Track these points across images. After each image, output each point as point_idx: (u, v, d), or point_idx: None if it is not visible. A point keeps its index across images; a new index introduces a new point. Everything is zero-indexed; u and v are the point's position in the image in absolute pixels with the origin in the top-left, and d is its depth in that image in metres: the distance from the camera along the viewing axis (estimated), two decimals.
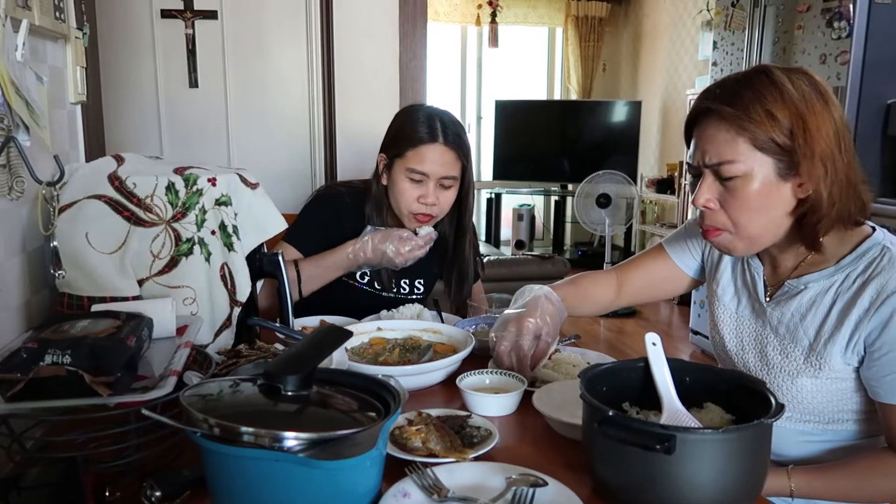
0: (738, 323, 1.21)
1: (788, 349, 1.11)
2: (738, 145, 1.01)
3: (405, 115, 1.60)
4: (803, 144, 0.98)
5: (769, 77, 1.01)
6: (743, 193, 1.02)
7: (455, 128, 1.55)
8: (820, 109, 1.00)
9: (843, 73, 2.90)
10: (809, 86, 1.01)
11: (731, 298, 1.23)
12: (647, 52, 6.18)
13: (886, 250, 1.03)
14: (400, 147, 1.54)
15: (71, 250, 1.09)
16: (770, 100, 0.99)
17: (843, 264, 1.06)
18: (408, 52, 2.79)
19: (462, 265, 1.68)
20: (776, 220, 1.04)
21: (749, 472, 0.78)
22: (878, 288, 1.00)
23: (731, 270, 1.24)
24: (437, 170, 1.52)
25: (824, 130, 0.99)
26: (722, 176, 1.03)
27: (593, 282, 1.38)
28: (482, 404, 1.09)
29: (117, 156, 1.20)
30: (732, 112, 1.00)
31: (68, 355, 0.81)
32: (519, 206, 6.18)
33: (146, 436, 0.87)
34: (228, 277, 1.20)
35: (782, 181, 1.01)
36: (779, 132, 0.99)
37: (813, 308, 1.08)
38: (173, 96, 2.68)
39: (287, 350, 0.97)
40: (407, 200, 1.54)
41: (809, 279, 1.09)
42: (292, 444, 0.73)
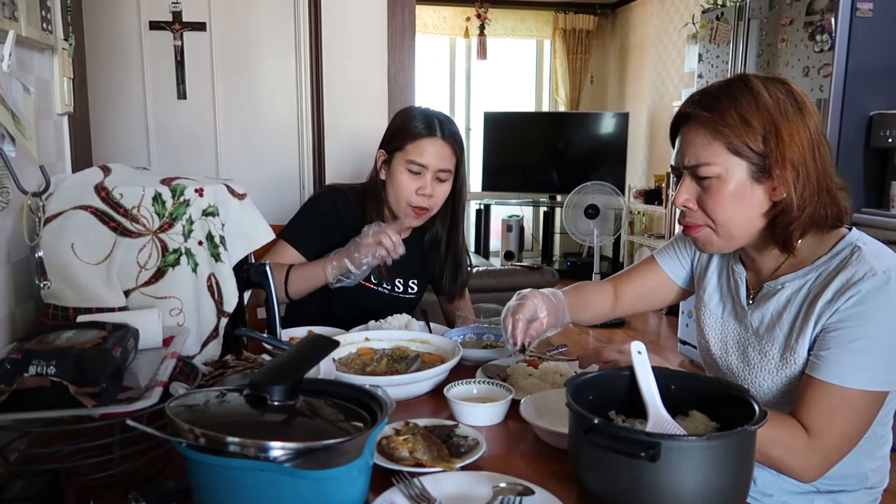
0: (723, 327, 1.24)
1: (766, 348, 1.13)
2: (714, 148, 1.06)
3: (405, 113, 1.70)
4: (775, 150, 1.03)
5: (746, 85, 1.06)
6: (718, 194, 1.07)
7: (451, 125, 1.66)
8: (794, 117, 1.04)
9: (826, 85, 2.95)
10: (786, 94, 1.05)
11: (717, 304, 1.26)
12: (633, 65, 6.24)
13: (857, 249, 1.06)
14: (400, 141, 1.63)
15: (56, 261, 1.09)
16: (745, 106, 1.04)
17: (817, 264, 1.10)
18: (396, 64, 2.80)
19: (457, 255, 1.76)
20: (750, 219, 1.09)
21: (733, 479, 0.78)
22: (844, 280, 1.04)
23: (717, 277, 1.27)
24: (435, 162, 1.61)
25: (797, 138, 1.03)
26: (699, 176, 1.09)
27: (594, 291, 1.41)
28: (469, 414, 1.10)
29: (104, 166, 1.20)
30: (709, 117, 1.06)
31: (53, 366, 0.80)
32: (508, 218, 6.20)
33: (131, 447, 0.86)
34: (215, 288, 1.20)
35: (756, 183, 1.06)
36: (752, 137, 1.03)
37: (788, 306, 1.11)
38: (162, 108, 2.68)
39: (273, 360, 0.97)
40: (406, 192, 1.62)
41: (786, 279, 1.12)
42: (278, 454, 0.73)
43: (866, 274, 1.02)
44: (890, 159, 3.00)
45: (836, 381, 1.00)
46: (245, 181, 2.69)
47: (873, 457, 1.15)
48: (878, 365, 1.01)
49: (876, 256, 1.04)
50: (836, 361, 1.01)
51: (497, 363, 1.34)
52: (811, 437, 1.01)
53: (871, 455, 1.13)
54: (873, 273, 1.01)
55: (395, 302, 1.70)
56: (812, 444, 1.01)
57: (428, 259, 1.77)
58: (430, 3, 6.10)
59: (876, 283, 1.01)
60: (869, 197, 3.02)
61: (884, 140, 2.88)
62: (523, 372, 1.27)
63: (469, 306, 1.81)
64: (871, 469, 1.16)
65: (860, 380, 1.00)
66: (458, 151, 1.65)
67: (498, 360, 1.37)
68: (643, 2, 6.03)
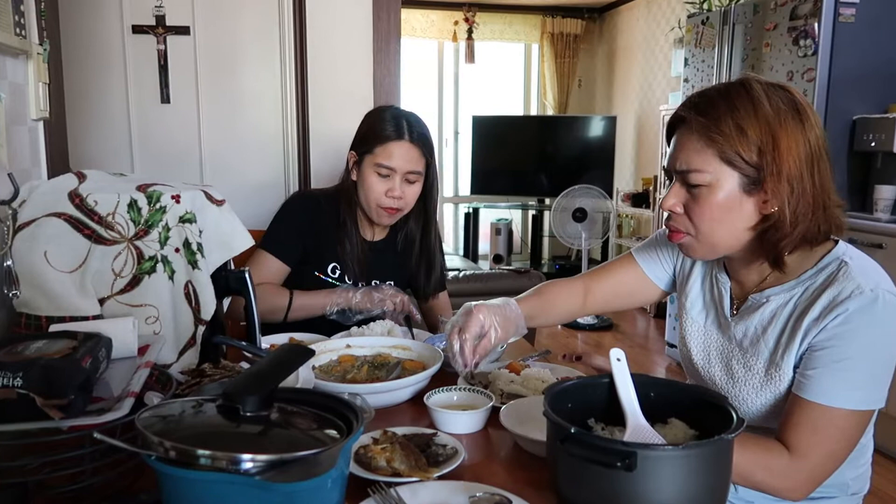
0: (706, 337, 1.21)
1: (751, 362, 1.11)
2: (706, 156, 1.02)
3: (374, 114, 1.71)
4: (771, 163, 0.99)
5: (747, 91, 1.02)
6: (706, 202, 1.04)
7: (420, 127, 1.66)
8: (793, 129, 0.99)
9: (810, 89, 2.96)
10: (787, 104, 1.01)
11: (699, 312, 1.23)
12: (621, 69, 6.26)
13: (844, 264, 1.04)
14: (369, 144, 1.64)
15: (28, 269, 1.07)
16: (743, 114, 1.00)
17: (803, 278, 1.07)
18: (382, 68, 2.80)
19: (429, 256, 1.78)
20: (736, 232, 1.06)
21: (710, 488, 0.78)
22: (831, 297, 1.01)
23: (700, 284, 1.24)
24: (404, 165, 1.62)
25: (795, 151, 0.99)
26: (689, 183, 1.05)
27: (557, 291, 1.35)
28: (449, 422, 1.09)
29: (79, 173, 1.18)
30: (704, 123, 1.02)
31: (20, 378, 0.79)
32: (497, 221, 6.20)
33: (102, 459, 0.84)
34: (193, 295, 1.18)
35: (746, 196, 1.02)
36: (746, 148, 0.99)
37: (774, 320, 1.09)
38: (145, 112, 2.65)
39: (247, 370, 0.95)
40: (375, 194, 1.63)
41: (771, 292, 1.10)
42: (249, 466, 0.72)
43: (853, 292, 0.99)
44: (873, 163, 3.03)
45: (821, 401, 0.99)
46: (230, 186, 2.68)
47: (855, 465, 1.14)
48: (864, 385, 0.99)
49: (863, 273, 1.02)
50: (822, 381, 0.99)
51: (479, 370, 1.33)
52: (795, 458, 0.99)
53: (853, 464, 1.12)
54: (860, 291, 0.99)
55: None
56: (796, 465, 0.99)
57: (404, 260, 1.78)
58: (417, 7, 6.11)
59: (863, 302, 0.98)
60: (853, 201, 3.04)
61: (867, 144, 2.90)
62: (505, 378, 1.26)
63: (449, 310, 1.81)
64: (853, 478, 1.15)
65: (846, 399, 0.98)
66: (427, 153, 1.66)
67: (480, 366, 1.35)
68: (630, 6, 6.06)
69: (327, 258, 1.69)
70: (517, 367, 1.31)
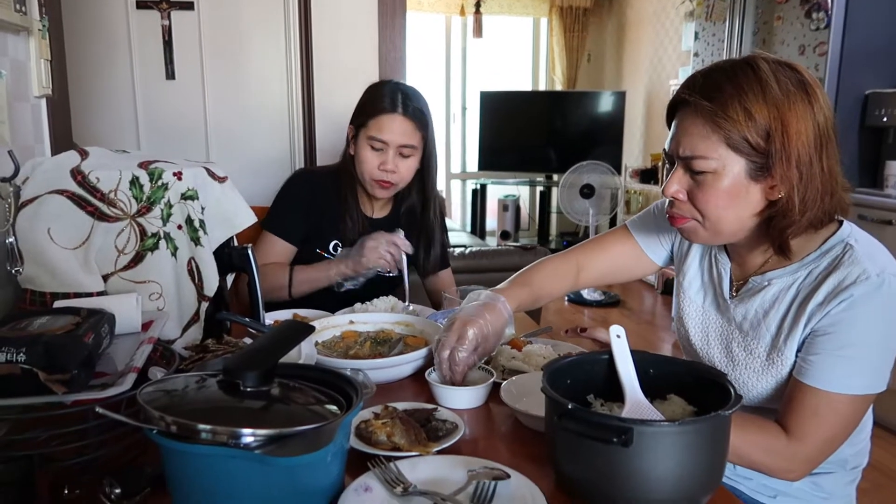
0: (704, 318, 1.19)
1: (752, 346, 1.10)
2: (711, 142, 0.98)
3: (372, 88, 1.71)
4: (780, 148, 0.95)
5: (755, 72, 0.97)
6: (711, 189, 1.01)
7: (416, 101, 1.65)
8: (802, 110, 0.95)
9: (822, 63, 2.92)
10: (796, 84, 0.97)
11: (697, 292, 1.21)
12: (630, 43, 6.18)
13: (849, 248, 1.02)
14: (363, 117, 1.65)
15: (32, 246, 1.08)
16: (751, 97, 0.95)
17: (806, 261, 1.05)
18: (387, 42, 2.77)
19: (428, 233, 1.78)
20: (742, 218, 1.03)
21: (707, 464, 0.78)
22: (836, 282, 0.99)
23: (698, 264, 1.23)
24: (396, 138, 1.62)
25: (805, 134, 0.95)
26: (693, 169, 1.02)
27: (546, 275, 1.32)
28: (450, 397, 1.09)
29: (81, 150, 1.19)
30: (710, 107, 0.97)
31: (23, 353, 0.80)
32: (504, 197, 6.18)
33: (107, 433, 0.86)
34: (196, 272, 1.19)
35: (753, 182, 0.99)
36: (754, 132, 0.95)
37: (776, 304, 1.07)
38: (150, 88, 2.65)
39: (247, 346, 0.96)
40: (369, 167, 1.64)
41: (773, 275, 1.08)
42: (249, 440, 0.73)
43: (859, 277, 0.97)
44: (885, 138, 2.98)
45: (822, 387, 0.98)
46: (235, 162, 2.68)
47: (853, 442, 1.14)
48: (866, 371, 0.98)
49: (869, 256, 1.00)
50: (824, 367, 0.98)
51: None
52: (793, 441, 0.99)
53: (851, 441, 1.12)
54: (866, 276, 0.97)
55: (377, 280, 1.70)
56: (794, 448, 0.99)
57: (408, 235, 1.75)
58: None
59: (868, 288, 0.96)
60: (863, 177, 3.01)
61: (879, 119, 2.86)
62: (507, 354, 1.27)
63: (452, 285, 1.81)
64: (852, 454, 1.15)
65: (847, 385, 0.98)
66: (422, 127, 1.65)
67: None
68: None
69: (329, 235, 1.69)
70: (519, 344, 1.32)
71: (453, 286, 1.81)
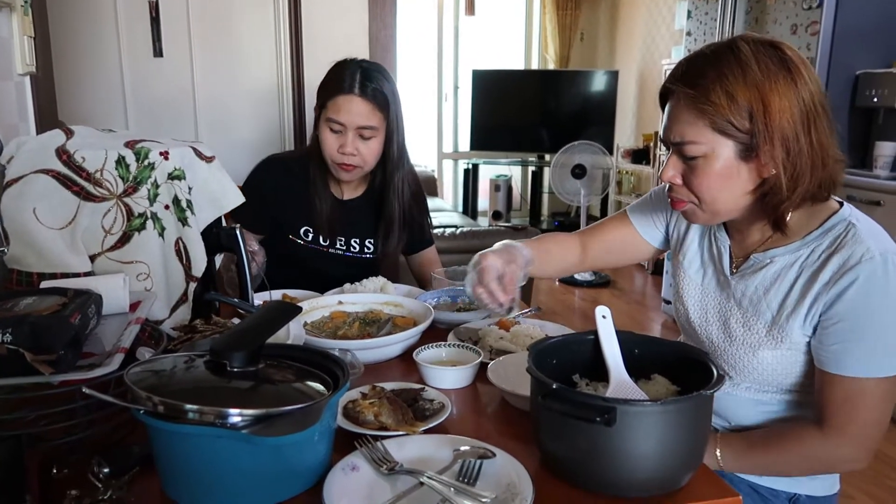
0: (703, 295, 1.21)
1: (751, 322, 1.11)
2: (698, 127, 1.01)
3: (333, 68, 1.65)
4: (763, 128, 0.97)
5: (735, 55, 0.99)
6: (704, 172, 1.03)
7: (376, 81, 1.58)
8: (785, 89, 0.97)
9: (813, 43, 2.91)
10: (778, 62, 0.98)
11: (697, 271, 1.23)
12: (624, 22, 6.14)
13: (851, 226, 1.03)
14: (323, 98, 1.61)
15: (18, 226, 1.07)
16: (731, 80, 0.97)
17: (808, 239, 1.06)
18: (378, 20, 2.74)
19: (386, 216, 1.70)
20: (737, 197, 1.05)
21: (689, 443, 0.79)
22: (841, 262, 1.00)
23: (697, 243, 1.24)
24: (354, 119, 1.57)
25: (788, 112, 0.97)
26: (685, 155, 1.04)
27: (556, 242, 1.36)
28: (438, 377, 1.10)
29: (66, 129, 1.17)
30: (693, 94, 1.00)
31: (9, 334, 0.80)
32: (496, 177, 6.17)
33: (95, 413, 0.86)
34: (183, 252, 1.19)
35: (743, 162, 1.01)
36: (738, 115, 0.97)
37: (777, 282, 1.08)
38: (137, 66, 2.62)
39: (234, 326, 0.96)
40: (329, 150, 1.60)
41: (775, 253, 1.09)
42: (236, 420, 0.74)
43: (863, 256, 0.98)
44: (875, 119, 2.99)
45: (848, 373, 1.00)
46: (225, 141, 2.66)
47: None
48: (888, 351, 1.00)
49: (871, 235, 1.01)
50: (847, 355, 1.00)
51: (469, 326, 1.35)
52: (832, 434, 1.02)
53: None
54: (871, 256, 0.98)
55: (352, 262, 1.71)
56: (835, 442, 1.02)
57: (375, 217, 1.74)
58: None
59: (873, 268, 0.98)
60: (853, 157, 3.02)
61: (869, 99, 2.86)
62: (495, 335, 1.28)
63: (437, 265, 1.80)
64: None
65: (872, 369, 0.99)
66: (382, 108, 1.58)
67: (470, 322, 1.37)
68: None
69: (299, 221, 1.68)
70: (507, 324, 1.33)
71: (438, 265, 1.81)
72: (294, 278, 1.62)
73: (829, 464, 1.08)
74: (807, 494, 1.14)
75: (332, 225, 1.68)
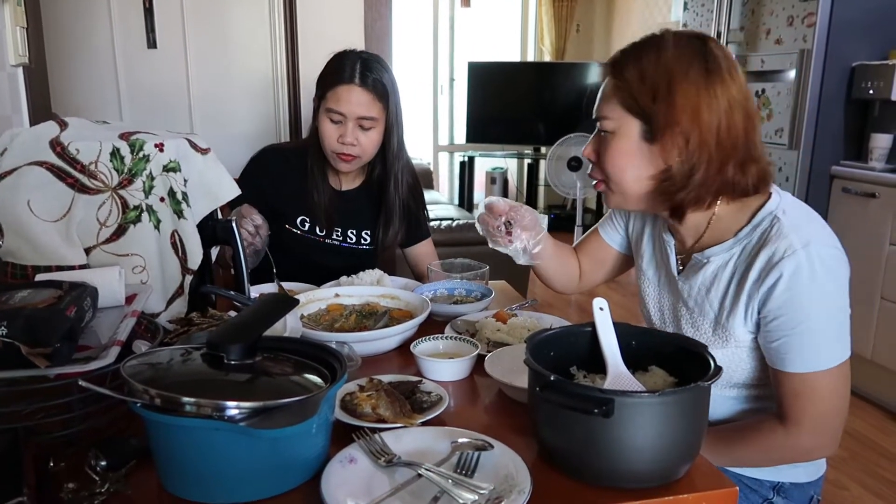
0: (660, 296, 1.23)
1: (698, 322, 1.13)
2: (611, 103, 1.06)
3: (332, 59, 1.64)
4: (664, 111, 0.99)
5: (657, 40, 1.03)
6: (611, 149, 1.07)
7: (375, 72, 1.59)
8: (695, 80, 0.99)
9: (810, 35, 2.91)
10: (697, 55, 1.00)
11: (654, 272, 1.24)
12: (620, 13, 6.12)
13: (776, 220, 1.03)
14: (322, 89, 1.61)
15: (12, 219, 1.07)
16: (645, 62, 1.02)
17: (740, 236, 1.07)
18: (373, 11, 2.73)
19: (387, 208, 1.71)
20: (639, 179, 1.07)
21: (686, 435, 0.79)
22: (766, 259, 1.01)
23: (651, 244, 1.26)
24: (354, 110, 1.57)
25: (692, 103, 0.98)
26: (601, 130, 1.09)
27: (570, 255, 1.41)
28: (435, 369, 1.10)
29: (60, 120, 1.17)
30: (613, 71, 1.06)
31: (4, 327, 0.79)
32: (492, 170, 6.16)
33: (92, 406, 0.86)
34: (179, 245, 1.18)
35: (646, 143, 1.04)
36: (644, 94, 1.01)
37: (716, 281, 1.10)
38: (131, 58, 2.60)
39: (231, 319, 0.96)
40: (329, 140, 1.60)
41: (711, 252, 1.10)
42: (233, 413, 0.73)
43: (785, 252, 0.99)
44: (870, 111, 2.99)
45: (792, 370, 1.01)
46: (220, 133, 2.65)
47: None
48: (826, 343, 1.01)
49: (794, 228, 1.01)
50: (787, 350, 1.01)
51: (466, 318, 1.35)
52: (791, 427, 1.03)
53: None
54: (793, 251, 0.99)
55: (348, 252, 1.71)
56: (794, 433, 1.03)
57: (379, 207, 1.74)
58: None
59: (797, 263, 0.98)
60: (848, 149, 3.02)
61: (865, 92, 2.86)
62: (492, 327, 1.28)
63: (434, 258, 1.80)
64: None
65: (816, 363, 1.00)
66: (382, 98, 1.59)
67: (467, 315, 1.37)
68: None
69: (296, 211, 1.68)
70: (504, 316, 1.33)
71: (435, 257, 1.81)
72: (290, 269, 1.61)
73: (795, 455, 1.08)
74: (791, 482, 1.15)
75: (330, 215, 1.68)
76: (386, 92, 1.60)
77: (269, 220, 1.67)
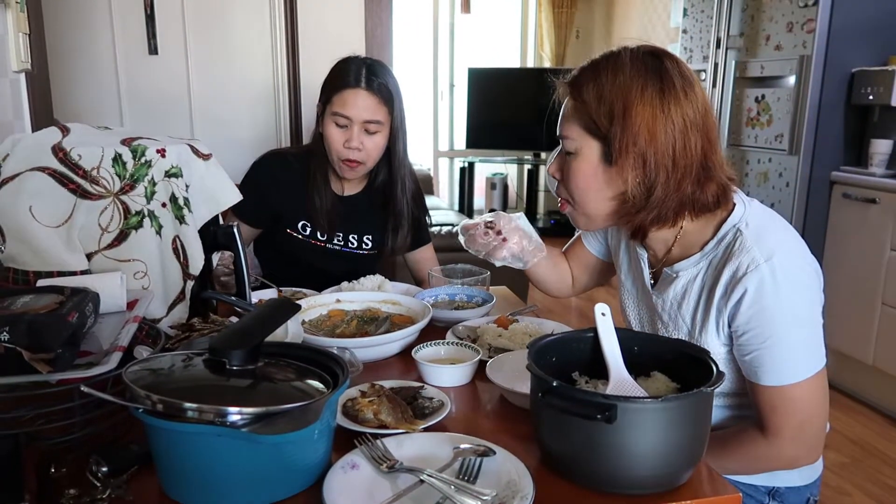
0: (639, 307, 1.23)
1: (674, 335, 1.13)
2: (572, 123, 1.05)
3: (337, 64, 1.65)
4: (619, 132, 0.99)
5: (614, 59, 1.02)
6: (573, 170, 1.06)
7: (381, 76, 1.60)
8: (650, 100, 0.98)
9: (809, 41, 2.91)
10: (652, 72, 0.99)
11: (632, 284, 1.25)
12: (619, 19, 6.14)
13: (739, 233, 1.03)
14: (328, 93, 1.62)
15: (14, 224, 1.07)
16: (603, 82, 1.00)
17: (706, 250, 1.07)
18: (373, 18, 2.74)
19: (395, 213, 1.71)
20: (602, 200, 1.07)
21: (689, 440, 0.79)
22: (730, 274, 1.02)
23: (627, 256, 1.26)
24: (360, 114, 1.57)
25: (648, 123, 0.98)
26: (564, 150, 1.08)
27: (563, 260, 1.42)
28: (436, 375, 1.10)
29: (62, 126, 1.17)
30: (572, 91, 1.05)
31: (6, 332, 0.79)
32: (492, 176, 6.16)
33: (93, 412, 0.86)
34: (181, 250, 1.18)
35: (606, 165, 1.03)
36: (601, 115, 1.00)
37: (686, 296, 1.10)
38: (133, 64, 2.61)
39: (233, 325, 0.96)
40: (335, 145, 1.60)
41: (680, 267, 1.10)
42: (235, 419, 0.73)
43: (748, 267, 0.99)
44: (870, 117, 3.00)
45: (766, 383, 1.02)
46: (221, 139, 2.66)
47: None
48: (799, 354, 1.01)
49: (757, 240, 1.01)
50: (760, 364, 1.01)
51: (467, 324, 1.35)
52: (771, 437, 1.03)
53: None
54: (755, 265, 0.99)
55: (350, 257, 1.71)
56: (775, 443, 1.03)
57: (380, 211, 1.74)
58: None
59: (760, 278, 0.98)
60: (848, 155, 3.02)
61: (864, 97, 2.87)
62: (493, 332, 1.27)
63: (434, 263, 1.80)
64: None
65: (789, 375, 1.00)
66: (387, 102, 1.60)
67: (468, 320, 1.37)
68: None
69: (297, 215, 1.68)
70: (505, 322, 1.33)
71: (435, 263, 1.81)
72: (291, 274, 1.62)
73: (779, 464, 1.09)
74: (786, 486, 1.15)
75: (331, 220, 1.68)
76: (391, 96, 1.61)
77: (270, 224, 1.67)
